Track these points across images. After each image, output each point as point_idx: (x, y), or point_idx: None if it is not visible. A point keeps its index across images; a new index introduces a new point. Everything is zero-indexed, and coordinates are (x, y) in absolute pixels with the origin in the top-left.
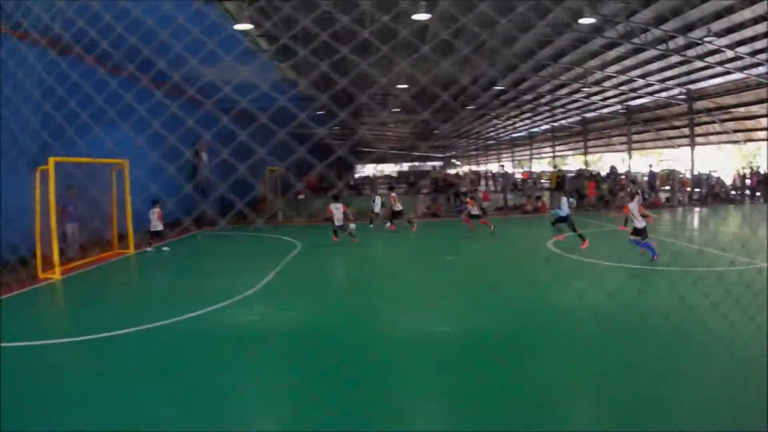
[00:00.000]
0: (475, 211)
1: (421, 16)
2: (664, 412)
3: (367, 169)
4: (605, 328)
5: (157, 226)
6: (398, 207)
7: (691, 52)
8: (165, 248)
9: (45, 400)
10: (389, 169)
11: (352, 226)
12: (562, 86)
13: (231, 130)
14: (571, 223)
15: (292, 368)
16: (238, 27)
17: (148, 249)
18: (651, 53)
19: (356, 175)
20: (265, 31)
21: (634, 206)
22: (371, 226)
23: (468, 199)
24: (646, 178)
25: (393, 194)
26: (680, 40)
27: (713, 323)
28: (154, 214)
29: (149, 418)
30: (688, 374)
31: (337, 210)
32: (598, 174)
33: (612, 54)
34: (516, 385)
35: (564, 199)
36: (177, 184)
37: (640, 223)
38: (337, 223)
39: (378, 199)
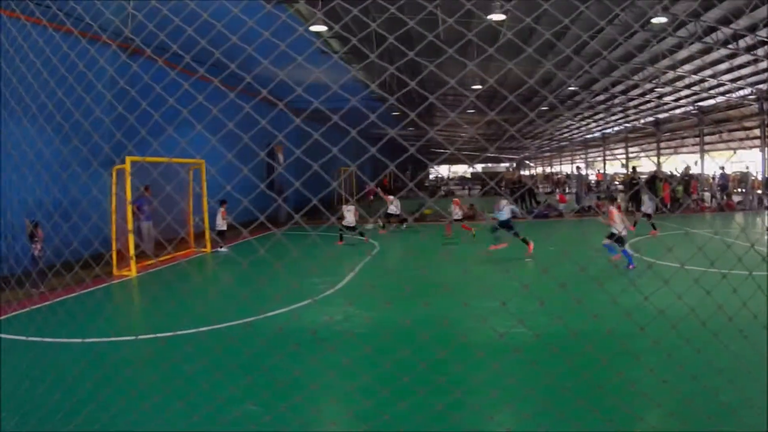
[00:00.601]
0: (457, 215)
1: (494, 17)
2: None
3: (441, 170)
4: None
5: (221, 225)
6: (458, 214)
7: (760, 51)
8: (222, 249)
9: (126, 395)
10: (462, 170)
11: (369, 226)
12: (635, 87)
13: (304, 130)
14: (512, 228)
15: (371, 366)
16: (311, 28)
17: (219, 249)
18: (721, 52)
19: (430, 176)
20: (336, 33)
21: (616, 211)
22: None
23: (453, 200)
24: (717, 180)
25: (455, 200)
26: (749, 39)
27: None
28: (219, 213)
29: (233, 412)
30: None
31: (348, 212)
32: (672, 175)
33: (683, 54)
34: (599, 386)
35: (503, 203)
36: (251, 184)
37: (619, 229)
38: (346, 225)
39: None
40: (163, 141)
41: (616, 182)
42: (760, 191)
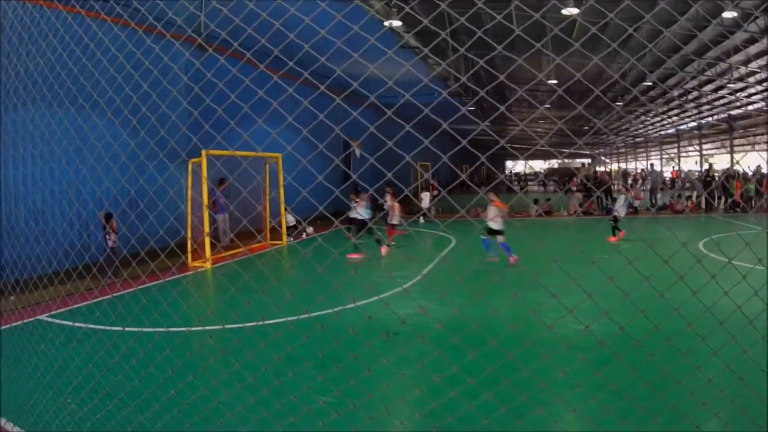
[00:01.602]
0: (395, 220)
1: (570, 11)
2: None
3: (518, 166)
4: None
5: (290, 221)
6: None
7: None
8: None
9: (204, 382)
10: (538, 165)
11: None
12: (708, 82)
13: (381, 127)
14: (369, 229)
15: (443, 360)
16: (388, 24)
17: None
18: None
19: (506, 171)
20: (414, 29)
21: (494, 205)
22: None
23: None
24: None
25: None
26: None
27: None
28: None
29: (304, 402)
30: None
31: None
32: (745, 173)
33: (754, 49)
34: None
35: (493, 211)
36: (328, 178)
37: (495, 225)
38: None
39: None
40: (234, 138)
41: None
42: None
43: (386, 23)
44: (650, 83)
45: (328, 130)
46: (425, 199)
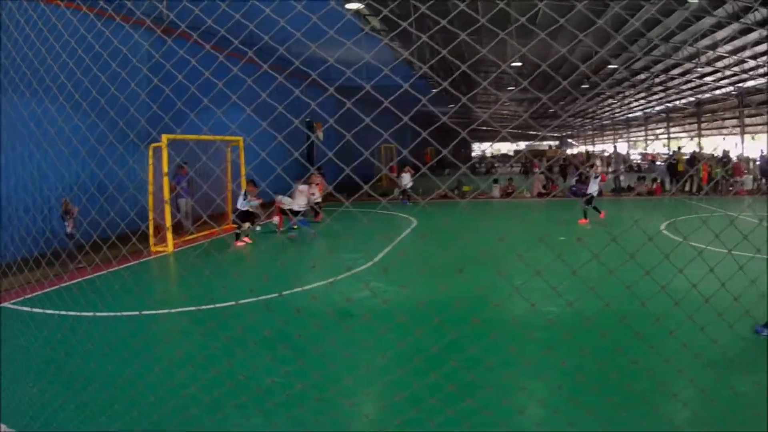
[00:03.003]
0: (296, 206)
1: None
2: None
3: (483, 148)
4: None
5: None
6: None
7: None
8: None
9: (157, 363)
10: (505, 148)
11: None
12: (675, 66)
13: (342, 107)
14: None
15: (388, 341)
16: (350, 6)
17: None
18: (759, 33)
19: (472, 154)
20: (375, 11)
21: (303, 188)
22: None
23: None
24: (758, 163)
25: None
26: None
27: None
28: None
29: (256, 382)
30: None
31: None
32: (713, 157)
33: (722, 33)
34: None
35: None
36: (292, 164)
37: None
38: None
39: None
40: (207, 121)
41: (658, 162)
42: None
43: (350, 7)
44: (615, 66)
45: (291, 114)
46: (406, 177)
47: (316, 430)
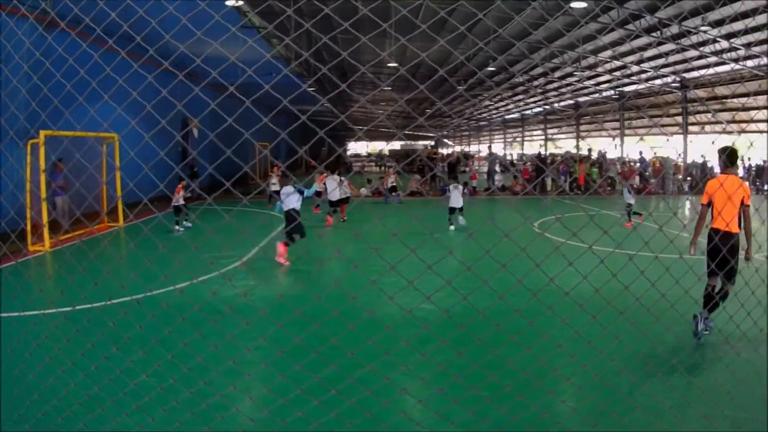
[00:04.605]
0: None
1: None
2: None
3: (359, 147)
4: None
5: (178, 201)
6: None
7: (685, 41)
8: (180, 227)
9: (32, 367)
10: (381, 147)
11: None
12: (555, 69)
13: (222, 105)
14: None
15: (280, 338)
16: (230, 3)
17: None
18: (645, 40)
19: (348, 152)
20: (257, 8)
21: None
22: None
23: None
24: (638, 165)
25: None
26: (675, 28)
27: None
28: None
29: (129, 382)
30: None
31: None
32: (588, 158)
33: (606, 39)
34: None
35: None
36: (167, 159)
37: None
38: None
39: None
40: (81, 117)
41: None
42: (680, 176)
43: (229, 3)
44: (494, 68)
45: (167, 111)
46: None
47: (190, 422)
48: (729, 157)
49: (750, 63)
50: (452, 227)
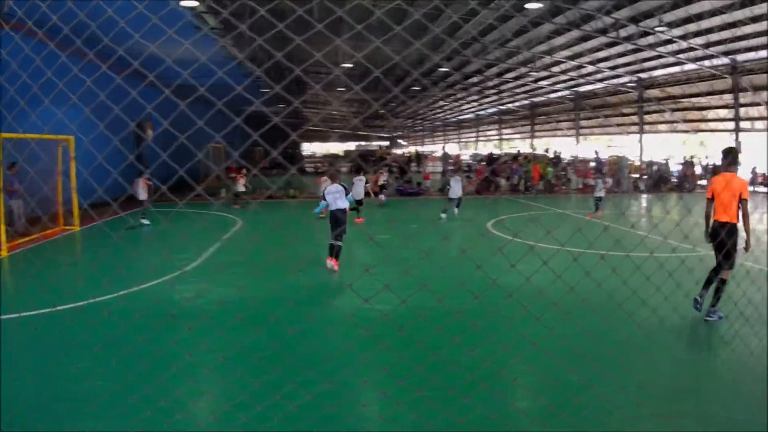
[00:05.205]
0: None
1: None
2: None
3: (314, 148)
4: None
5: (142, 195)
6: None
7: (642, 41)
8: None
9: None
10: (336, 148)
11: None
12: (509, 70)
13: (173, 105)
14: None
15: (224, 342)
16: (184, 3)
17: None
18: (601, 40)
19: (302, 153)
20: (210, 7)
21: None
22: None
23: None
24: (593, 164)
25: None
26: (632, 29)
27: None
28: (140, 183)
29: (84, 388)
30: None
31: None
32: (545, 157)
33: (561, 40)
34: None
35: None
36: (118, 160)
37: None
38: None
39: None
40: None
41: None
42: (636, 176)
43: (182, 4)
44: (447, 69)
45: (123, 111)
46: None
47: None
48: (729, 156)
49: (707, 63)
50: (443, 215)
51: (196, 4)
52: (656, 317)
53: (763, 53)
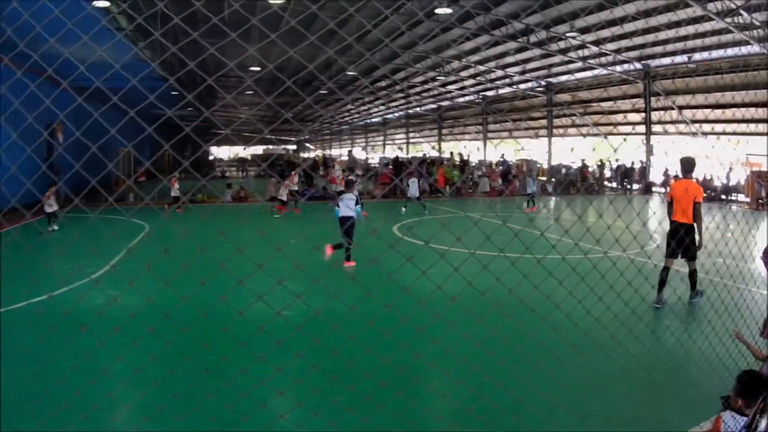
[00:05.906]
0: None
1: (277, 1)
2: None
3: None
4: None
5: (52, 207)
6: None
7: (553, 47)
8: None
9: None
10: (244, 152)
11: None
12: (416, 74)
13: (85, 110)
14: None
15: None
16: (97, 4)
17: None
18: (511, 45)
19: (210, 157)
20: (124, 10)
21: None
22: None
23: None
24: (501, 168)
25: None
26: (542, 34)
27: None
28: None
29: None
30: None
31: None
32: (450, 160)
33: (469, 44)
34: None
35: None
36: (28, 165)
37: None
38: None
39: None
40: None
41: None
42: (544, 178)
43: (95, 4)
44: (354, 73)
45: (33, 117)
46: (413, 186)
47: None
48: (685, 165)
49: (619, 68)
50: (404, 209)
51: (108, 4)
52: (570, 321)
53: (678, 59)
